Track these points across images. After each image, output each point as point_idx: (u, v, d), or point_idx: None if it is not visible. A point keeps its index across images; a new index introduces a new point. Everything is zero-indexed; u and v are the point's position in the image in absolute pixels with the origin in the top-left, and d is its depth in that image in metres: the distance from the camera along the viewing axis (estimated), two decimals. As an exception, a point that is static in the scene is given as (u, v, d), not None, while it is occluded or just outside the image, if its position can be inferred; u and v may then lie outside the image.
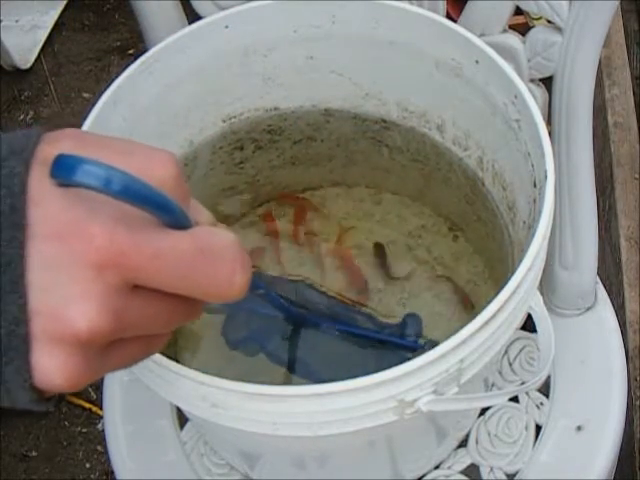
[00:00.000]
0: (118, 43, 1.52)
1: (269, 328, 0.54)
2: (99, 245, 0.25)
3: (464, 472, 0.57)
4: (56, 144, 0.27)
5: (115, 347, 0.28)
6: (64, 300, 0.25)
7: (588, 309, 0.63)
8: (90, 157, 0.26)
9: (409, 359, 0.37)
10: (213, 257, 0.28)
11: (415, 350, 0.53)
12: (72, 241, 0.25)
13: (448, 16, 0.53)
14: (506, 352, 0.61)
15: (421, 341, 0.54)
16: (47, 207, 0.26)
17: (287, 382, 0.53)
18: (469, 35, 0.49)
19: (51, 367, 0.26)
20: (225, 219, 0.62)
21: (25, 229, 0.25)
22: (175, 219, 0.28)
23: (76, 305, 0.25)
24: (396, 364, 0.36)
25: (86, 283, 0.26)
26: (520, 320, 0.42)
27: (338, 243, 0.61)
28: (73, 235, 0.25)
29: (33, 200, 0.26)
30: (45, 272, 0.25)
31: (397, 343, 0.54)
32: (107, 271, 0.26)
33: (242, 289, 0.29)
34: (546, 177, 0.42)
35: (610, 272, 0.92)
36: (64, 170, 0.25)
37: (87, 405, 1.09)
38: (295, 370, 0.53)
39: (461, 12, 0.55)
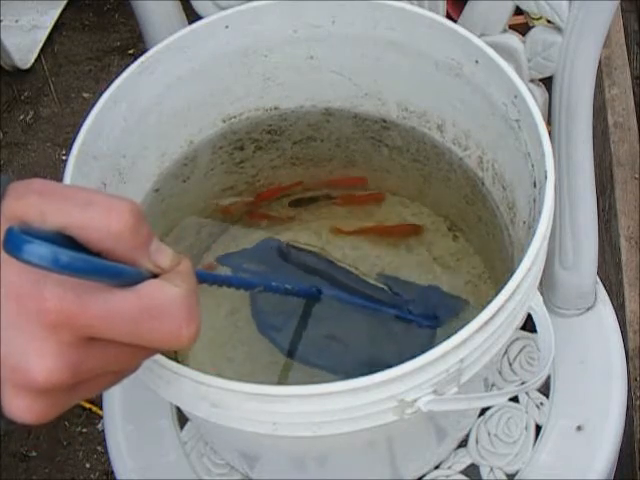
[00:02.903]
0: (118, 43, 1.52)
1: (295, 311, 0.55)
2: (50, 308, 0.28)
3: (464, 472, 0.57)
4: (21, 200, 0.29)
5: (81, 384, 0.31)
6: (23, 355, 0.28)
7: (588, 309, 0.63)
8: (36, 232, 0.28)
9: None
10: (158, 314, 0.30)
11: (433, 328, 0.54)
12: (28, 302, 0.28)
13: (448, 16, 0.53)
14: (506, 352, 0.61)
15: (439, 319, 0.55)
16: (7, 269, 0.28)
17: (285, 379, 0.53)
18: (469, 35, 0.49)
19: (19, 407, 0.29)
20: (225, 219, 0.62)
21: None
22: (122, 280, 0.30)
23: (33, 360, 0.28)
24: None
25: (42, 341, 0.28)
26: (520, 320, 0.42)
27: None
28: (29, 297, 0.28)
29: None
30: (6, 328, 0.28)
31: (413, 320, 0.54)
32: (60, 330, 0.28)
33: (190, 340, 0.31)
34: (546, 177, 0.42)
35: (610, 272, 0.92)
36: (12, 248, 0.27)
37: (87, 405, 1.09)
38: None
39: (461, 12, 0.55)
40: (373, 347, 0.54)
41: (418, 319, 0.54)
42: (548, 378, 0.60)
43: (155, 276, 0.32)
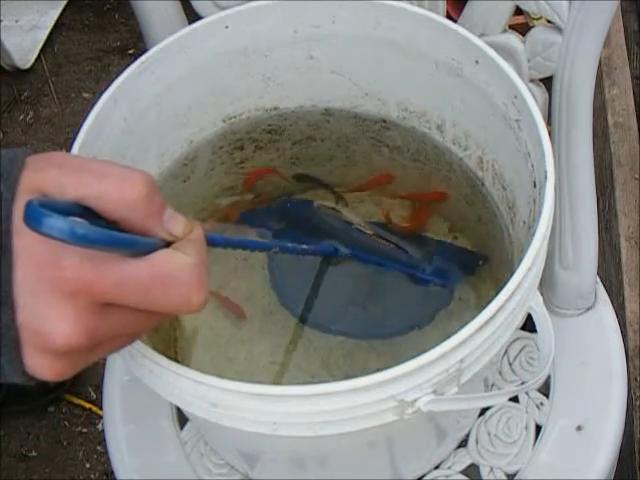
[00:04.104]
0: (118, 43, 1.52)
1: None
2: (68, 277, 0.30)
3: (464, 472, 0.57)
4: (41, 173, 0.31)
5: (97, 346, 0.32)
6: (43, 320, 0.30)
7: (588, 309, 0.63)
8: (55, 204, 0.30)
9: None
10: (169, 282, 0.32)
11: (445, 286, 0.55)
12: (47, 271, 0.30)
13: (448, 16, 0.53)
14: (506, 352, 0.61)
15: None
16: (27, 238, 0.30)
17: (284, 376, 0.53)
18: (469, 35, 0.49)
19: (40, 366, 0.31)
20: (225, 219, 0.62)
21: (11, 253, 0.30)
22: (135, 250, 0.32)
23: (53, 325, 0.30)
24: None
25: (60, 307, 0.30)
26: (520, 320, 0.42)
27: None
28: (48, 266, 0.30)
29: (16, 229, 0.30)
30: (27, 294, 0.30)
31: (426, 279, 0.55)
32: (77, 297, 0.30)
33: (200, 306, 0.33)
34: (546, 177, 0.42)
35: (610, 272, 0.92)
36: (32, 222, 0.29)
37: (87, 405, 1.09)
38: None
39: (461, 12, 0.55)
40: (391, 309, 0.55)
41: (434, 278, 0.55)
42: (548, 378, 0.60)
43: (169, 244, 0.33)
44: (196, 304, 0.33)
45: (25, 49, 1.48)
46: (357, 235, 0.58)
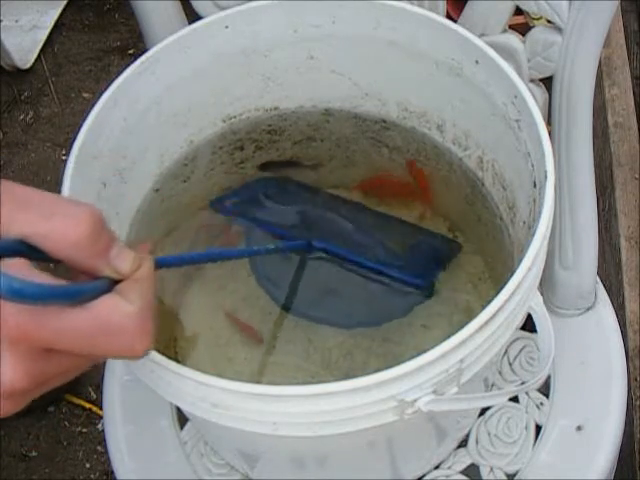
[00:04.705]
0: (118, 43, 1.52)
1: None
2: (9, 326, 0.30)
3: (464, 472, 0.57)
4: None
5: (41, 385, 0.33)
6: None
7: (588, 309, 0.63)
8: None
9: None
10: (111, 332, 0.32)
11: (418, 287, 0.54)
12: None
13: (448, 16, 0.53)
14: (506, 352, 0.61)
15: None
16: None
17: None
18: (469, 35, 0.49)
19: None
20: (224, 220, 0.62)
21: None
22: (75, 300, 0.31)
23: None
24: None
25: (4, 352, 0.31)
26: (520, 320, 0.42)
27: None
28: None
29: None
30: None
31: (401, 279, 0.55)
32: (19, 344, 0.31)
33: (144, 352, 0.33)
34: (546, 177, 0.42)
35: (610, 272, 0.92)
36: None
37: (87, 405, 1.09)
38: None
39: (461, 12, 0.55)
40: (369, 298, 0.55)
41: (407, 278, 0.55)
42: (548, 378, 0.60)
43: (117, 281, 0.33)
44: (140, 351, 0.33)
45: (25, 49, 1.48)
46: (337, 220, 0.58)
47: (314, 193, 0.60)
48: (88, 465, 1.06)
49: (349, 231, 0.58)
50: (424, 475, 0.57)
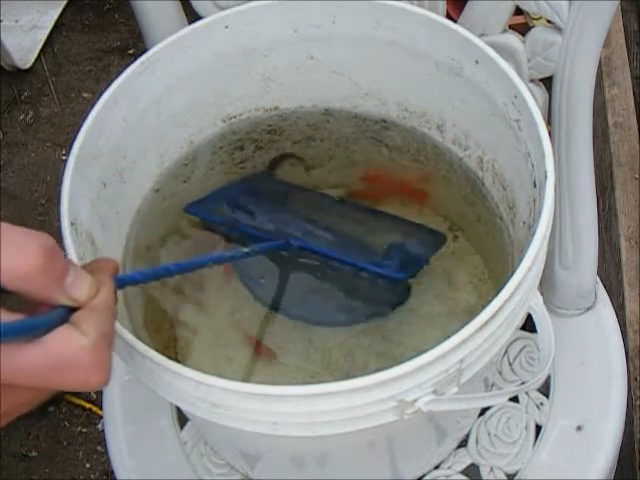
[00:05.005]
0: (118, 43, 1.52)
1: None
2: None
3: (464, 472, 0.57)
4: None
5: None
6: None
7: (588, 309, 0.63)
8: None
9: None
10: (65, 367, 0.31)
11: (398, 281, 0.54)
12: None
13: (448, 16, 0.53)
14: (506, 352, 0.61)
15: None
16: None
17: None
18: (469, 35, 0.49)
19: None
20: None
21: None
22: (30, 334, 0.31)
23: None
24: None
25: None
26: (520, 320, 0.42)
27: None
28: None
29: None
30: None
31: (377, 272, 0.54)
32: None
33: (100, 385, 0.33)
34: (546, 177, 0.42)
35: (610, 272, 0.92)
36: None
37: (87, 405, 1.09)
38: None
39: (461, 12, 0.55)
40: (350, 296, 0.55)
41: (387, 273, 0.54)
42: (548, 378, 0.60)
43: (76, 309, 0.32)
44: (95, 384, 0.32)
45: (25, 49, 1.48)
46: (319, 200, 0.58)
47: (295, 191, 0.59)
48: (88, 465, 1.06)
49: (326, 229, 0.57)
50: (424, 475, 0.57)
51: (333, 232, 0.57)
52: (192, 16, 0.57)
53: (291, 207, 0.59)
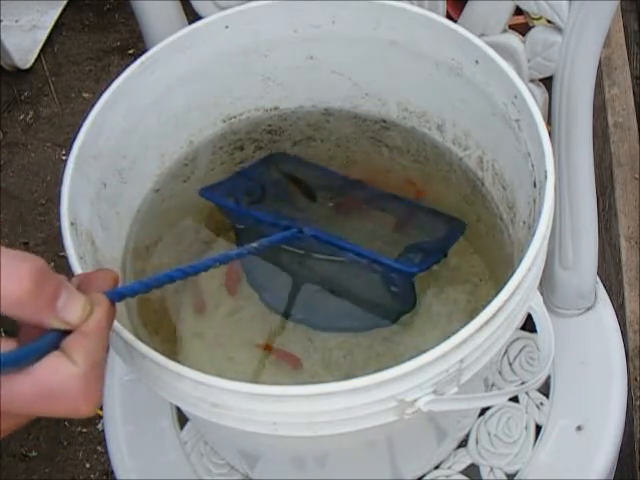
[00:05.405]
0: (118, 43, 1.52)
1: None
2: None
3: (464, 472, 0.57)
4: None
5: None
6: None
7: (588, 309, 0.63)
8: None
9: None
10: (54, 396, 0.31)
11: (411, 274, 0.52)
12: None
13: (448, 16, 0.53)
14: (506, 352, 0.61)
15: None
16: None
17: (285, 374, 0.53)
18: (469, 35, 0.49)
19: None
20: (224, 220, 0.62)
21: None
22: (20, 364, 0.31)
23: None
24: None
25: None
26: (520, 320, 0.42)
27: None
28: None
29: None
30: None
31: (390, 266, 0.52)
32: None
33: (90, 413, 0.33)
34: (546, 177, 0.42)
35: (610, 272, 0.92)
36: None
37: (87, 405, 1.09)
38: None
39: (461, 12, 0.55)
40: (358, 301, 0.54)
41: (399, 266, 0.52)
42: (548, 378, 0.60)
43: (68, 332, 0.32)
44: (85, 412, 0.32)
45: (25, 49, 1.48)
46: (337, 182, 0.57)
47: (313, 172, 0.58)
48: (88, 465, 1.06)
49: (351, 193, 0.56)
50: (424, 475, 0.57)
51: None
52: (192, 16, 0.57)
53: (306, 191, 0.58)
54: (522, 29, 0.55)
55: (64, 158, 1.35)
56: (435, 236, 0.55)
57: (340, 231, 0.55)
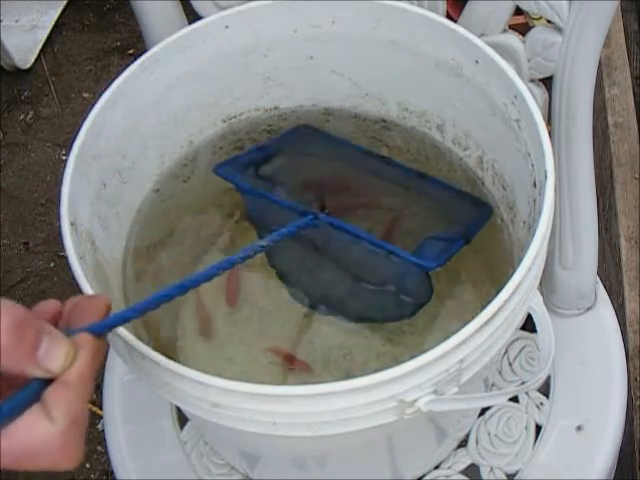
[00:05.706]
0: (118, 43, 1.52)
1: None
2: None
3: (464, 472, 0.57)
4: None
5: None
6: None
7: (588, 309, 0.63)
8: None
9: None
10: (32, 454, 0.31)
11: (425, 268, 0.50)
12: None
13: (448, 16, 0.53)
14: (506, 352, 0.61)
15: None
16: None
17: (288, 378, 0.53)
18: (469, 35, 0.49)
19: None
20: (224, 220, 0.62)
21: None
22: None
23: None
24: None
25: None
26: (520, 320, 0.42)
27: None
28: None
29: None
30: None
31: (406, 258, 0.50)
32: None
33: (71, 467, 0.32)
34: (546, 177, 0.42)
35: (610, 272, 0.92)
36: None
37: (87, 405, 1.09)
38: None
39: (461, 12, 0.55)
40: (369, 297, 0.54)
41: (418, 261, 0.50)
42: (548, 378, 0.60)
43: (50, 380, 0.32)
44: (64, 467, 0.32)
45: (25, 49, 1.48)
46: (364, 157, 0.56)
47: (337, 148, 0.57)
48: (88, 465, 1.06)
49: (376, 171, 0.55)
50: (424, 475, 0.57)
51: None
52: (192, 16, 0.57)
53: (331, 169, 0.57)
54: (522, 29, 0.55)
55: (64, 158, 1.35)
56: (459, 221, 0.53)
57: (358, 218, 0.54)
